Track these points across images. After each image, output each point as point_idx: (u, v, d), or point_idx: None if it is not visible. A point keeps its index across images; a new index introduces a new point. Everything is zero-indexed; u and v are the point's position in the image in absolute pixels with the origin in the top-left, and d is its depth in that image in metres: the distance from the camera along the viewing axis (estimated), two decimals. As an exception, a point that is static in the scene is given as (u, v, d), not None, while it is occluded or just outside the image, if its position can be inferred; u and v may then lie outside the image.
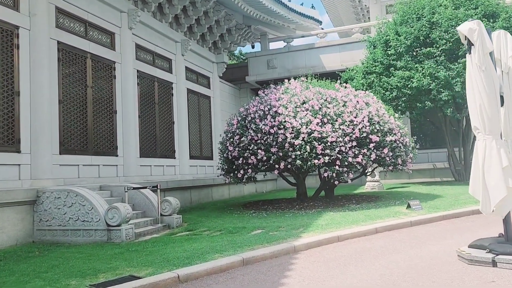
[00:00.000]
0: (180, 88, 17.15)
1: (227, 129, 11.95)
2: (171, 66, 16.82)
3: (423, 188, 14.72)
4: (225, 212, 11.66)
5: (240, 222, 9.71)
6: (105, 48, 12.94)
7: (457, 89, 14.23)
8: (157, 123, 15.42)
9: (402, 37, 15.34)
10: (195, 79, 18.72)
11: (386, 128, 10.97)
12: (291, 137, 10.28)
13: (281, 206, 11.72)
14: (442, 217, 9.23)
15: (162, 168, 15.58)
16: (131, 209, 8.38)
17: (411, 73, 14.88)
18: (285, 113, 10.67)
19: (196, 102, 18.68)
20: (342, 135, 10.35)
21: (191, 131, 17.90)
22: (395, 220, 8.79)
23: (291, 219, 9.50)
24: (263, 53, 21.97)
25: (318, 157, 10.11)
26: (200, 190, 14.86)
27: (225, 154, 11.57)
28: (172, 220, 9.74)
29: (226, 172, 12.02)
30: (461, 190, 13.09)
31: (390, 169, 11.01)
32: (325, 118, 10.51)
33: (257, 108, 11.37)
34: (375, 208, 10.33)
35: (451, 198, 11.30)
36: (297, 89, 11.49)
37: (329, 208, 10.84)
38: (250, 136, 10.78)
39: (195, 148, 18.19)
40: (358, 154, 10.35)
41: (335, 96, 11.15)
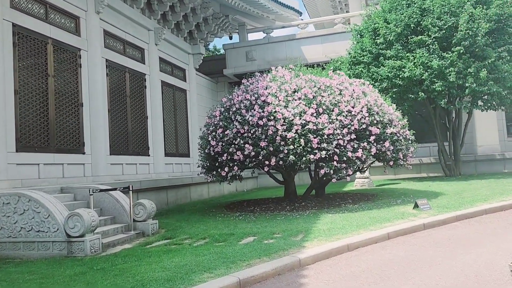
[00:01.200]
0: (154, 80, 15.56)
1: (208, 122, 10.47)
2: (144, 56, 15.20)
3: (416, 184, 13.57)
4: (207, 214, 10.18)
5: (226, 227, 8.26)
6: (68, 34, 11.26)
7: (451, 79, 13.12)
8: (129, 117, 13.79)
9: (392, 25, 14.14)
10: (170, 71, 17.13)
11: (386, 119, 9.70)
12: (283, 130, 8.88)
13: (270, 207, 10.32)
14: (456, 218, 8.01)
15: (135, 166, 13.98)
16: (97, 216, 6.82)
17: (403, 62, 13.69)
18: (275, 103, 9.27)
19: (171, 95, 17.09)
20: (340, 127, 9.02)
21: (166, 127, 16.33)
22: (405, 222, 7.50)
23: (285, 223, 8.11)
24: (242, 45, 20.50)
25: (314, 151, 8.75)
26: (178, 190, 13.32)
27: (206, 149, 10.09)
28: (147, 227, 8.21)
29: (207, 170, 10.53)
30: (460, 186, 11.98)
31: (391, 165, 9.75)
32: (320, 108, 9.16)
33: (242, 98, 9.93)
34: (377, 208, 9.05)
35: (455, 196, 10.13)
36: (287, 77, 10.10)
37: (325, 209, 9.50)
38: (236, 129, 9.33)
39: (171, 144, 16.62)
40: (357, 148, 9.03)
41: (330, 84, 9.81)
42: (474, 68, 13.03)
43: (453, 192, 10.81)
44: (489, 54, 13.14)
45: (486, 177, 14.56)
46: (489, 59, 13.09)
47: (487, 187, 11.42)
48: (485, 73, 12.84)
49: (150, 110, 15.21)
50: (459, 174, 15.70)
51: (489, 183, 12.39)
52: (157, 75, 15.78)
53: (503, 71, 13.08)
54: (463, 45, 13.10)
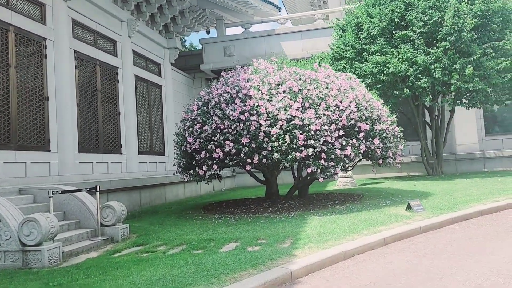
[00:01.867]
0: (127, 74, 14.56)
1: (185, 117, 9.59)
2: (116, 49, 14.19)
3: (401, 184, 12.99)
4: (183, 217, 9.31)
5: (204, 231, 7.42)
6: (32, 21, 10.22)
7: (437, 76, 12.58)
8: (100, 113, 12.78)
9: (376, 19, 13.52)
10: (144, 65, 16.14)
11: (374, 115, 9.02)
12: (267, 125, 8.09)
13: (251, 209, 9.52)
14: (452, 220, 7.37)
15: (106, 165, 12.98)
16: (56, 221, 5.87)
17: (387, 58, 13.09)
18: (257, 96, 8.46)
19: (146, 91, 16.11)
20: (327, 123, 8.28)
21: (140, 124, 15.34)
22: (401, 226, 6.81)
23: (269, 227, 7.32)
24: (220, 39, 19.61)
25: (300, 149, 7.98)
26: (152, 190, 12.37)
27: (182, 147, 9.21)
28: (116, 232, 7.29)
29: (184, 169, 9.65)
30: (447, 186, 11.43)
31: (380, 163, 9.08)
32: (306, 102, 8.40)
33: (222, 91, 9.10)
34: (367, 209, 8.35)
35: (445, 196, 9.54)
36: (270, 69, 9.31)
37: (310, 210, 8.76)
38: (215, 124, 8.49)
39: (145, 142, 15.64)
40: (346, 145, 8.31)
41: (316, 77, 9.07)
42: (459, 64, 12.52)
43: (443, 192, 10.22)
44: (474, 50, 12.66)
45: (469, 176, 14.12)
46: (474, 55, 12.61)
47: (475, 186, 10.90)
48: (470, 69, 12.35)
49: (123, 105, 14.22)
50: (442, 173, 15.24)
51: (475, 182, 11.90)
52: (130, 69, 14.80)
53: (488, 68, 12.61)
54: (449, 40, 12.59)
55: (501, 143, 19.81)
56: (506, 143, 19.83)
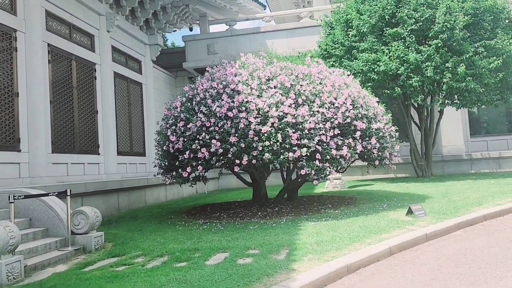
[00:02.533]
0: (106, 71, 13.66)
1: (167, 114, 8.77)
2: (94, 44, 13.27)
3: (392, 186, 12.38)
4: (165, 222, 8.48)
5: (188, 239, 6.62)
6: (1, 11, 9.34)
7: (429, 74, 12.03)
8: (76, 111, 11.86)
9: (366, 16, 12.92)
10: (124, 62, 15.23)
11: (371, 113, 8.35)
12: (257, 123, 7.34)
13: (238, 213, 8.75)
14: (457, 226, 6.74)
15: (82, 166, 12.06)
16: (17, 230, 5.01)
17: (377, 55, 12.48)
18: (246, 92, 7.71)
19: (126, 88, 15.20)
20: (322, 121, 7.58)
21: (119, 123, 14.42)
22: (405, 233, 6.13)
23: (260, 234, 6.57)
24: (203, 37, 18.79)
25: (293, 148, 7.25)
26: (131, 193, 11.49)
27: (164, 146, 8.39)
28: (89, 240, 6.43)
29: (165, 170, 8.82)
30: (440, 188, 10.86)
31: (376, 164, 8.41)
32: (299, 99, 7.68)
33: (208, 86, 8.32)
34: (364, 214, 7.67)
35: (443, 199, 8.93)
36: (259, 63, 8.57)
37: (303, 215, 8.03)
38: (200, 122, 7.70)
39: (124, 142, 14.72)
40: (342, 145, 7.62)
41: (309, 72, 8.37)
42: (451, 63, 12.00)
43: (439, 195, 9.63)
44: (466, 49, 12.16)
45: (459, 178, 13.62)
46: (466, 54, 12.10)
47: (470, 189, 10.35)
48: (463, 68, 11.83)
49: (101, 103, 13.31)
50: (431, 175, 14.72)
51: (469, 184, 11.37)
52: (109, 66, 13.89)
53: (480, 67, 12.11)
54: (441, 38, 12.05)
55: (485, 144, 19.53)
56: (490, 145, 19.55)
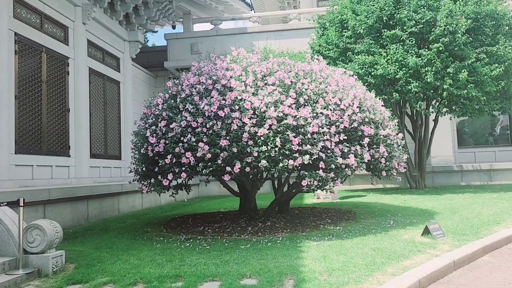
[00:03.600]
0: (80, 66, 12.34)
1: (146, 113, 7.56)
2: (68, 36, 11.95)
3: (387, 198, 11.39)
4: (140, 237, 7.23)
5: (168, 262, 5.42)
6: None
7: (429, 80, 11.13)
8: (45, 108, 10.51)
9: (362, 16, 11.98)
10: (100, 58, 13.91)
11: (378, 118, 7.33)
12: (252, 124, 6.21)
13: (225, 227, 7.57)
14: (483, 250, 5.74)
15: (50, 169, 10.68)
16: None
17: (375, 58, 11.54)
18: (240, 89, 6.58)
19: (101, 86, 13.86)
20: (327, 124, 6.50)
21: (94, 123, 13.08)
22: (429, 260, 5.07)
23: (255, 256, 5.41)
24: (187, 35, 17.59)
25: (293, 155, 6.14)
26: (103, 200, 10.17)
27: (142, 149, 7.17)
28: (45, 262, 5.16)
29: (143, 177, 7.58)
30: (444, 202, 9.91)
31: (383, 175, 7.37)
32: (301, 98, 6.59)
33: (195, 81, 7.15)
34: (371, 233, 6.59)
35: (453, 216, 7.95)
36: (253, 58, 7.46)
37: (300, 231, 6.91)
38: (185, 122, 6.52)
39: (98, 144, 13.37)
40: (348, 152, 6.54)
41: (310, 70, 7.29)
42: (453, 68, 11.14)
43: (446, 210, 8.65)
44: (468, 55, 11.33)
45: (455, 190, 12.75)
46: (468, 59, 11.26)
47: (475, 203, 9.43)
48: (465, 74, 10.99)
49: (74, 101, 11.97)
50: (424, 187, 13.83)
51: (471, 198, 10.46)
52: (84, 61, 12.58)
53: (482, 74, 11.29)
54: (442, 42, 11.18)
55: (473, 156, 18.88)
56: (478, 156, 18.91)
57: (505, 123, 18.96)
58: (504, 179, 16.08)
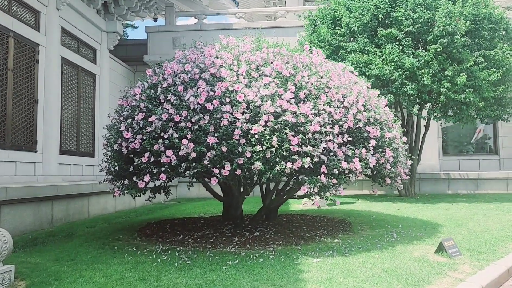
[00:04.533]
0: (52, 55, 11.21)
1: (122, 104, 6.56)
2: (39, 21, 10.81)
3: (378, 206, 10.60)
4: (110, 246, 6.20)
5: (142, 281, 4.43)
6: None
7: (426, 82, 10.42)
8: (10, 98, 9.36)
9: (357, 13, 11.21)
10: (75, 47, 12.76)
11: (383, 119, 6.50)
12: (245, 120, 5.28)
13: (208, 236, 6.60)
14: (508, 273, 4.95)
15: (13, 165, 9.51)
16: None
17: (369, 57, 10.77)
18: (231, 79, 5.65)
19: (75, 78, 12.72)
20: (329, 123, 5.62)
21: (65, 117, 11.93)
22: (454, 286, 4.25)
23: (246, 277, 4.48)
24: (169, 29, 16.55)
25: (292, 157, 5.24)
26: (70, 201, 9.06)
27: (115, 145, 6.16)
28: (-12, 281, 4.13)
29: (115, 177, 6.56)
30: (440, 212, 9.16)
31: (388, 182, 6.55)
32: (301, 92, 5.70)
33: (179, 69, 6.19)
34: (376, 248, 5.74)
35: (459, 228, 7.19)
36: (246, 47, 6.54)
37: (294, 244, 6.00)
38: (167, 115, 5.55)
39: (70, 140, 12.22)
40: (352, 156, 5.68)
41: (310, 62, 6.42)
42: (450, 71, 10.47)
43: (448, 222, 7.89)
44: (466, 58, 10.67)
45: (447, 199, 12.08)
46: (467, 63, 10.61)
47: (477, 215, 8.71)
48: (463, 78, 10.32)
49: (44, 92, 10.83)
50: (414, 194, 13.14)
51: (469, 209, 9.76)
52: (56, 49, 11.43)
53: (479, 79, 10.65)
54: (441, 43, 10.50)
55: (457, 164, 18.47)
56: (462, 164, 18.49)
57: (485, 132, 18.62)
58: (490, 188, 15.59)
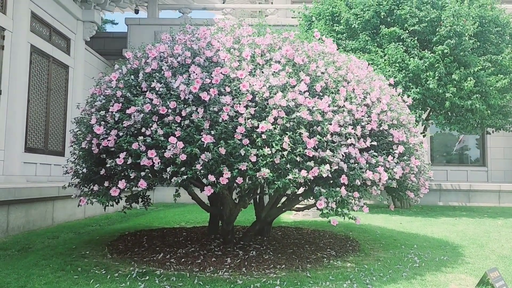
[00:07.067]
0: (19, 41, 9.95)
1: (94, 92, 5.33)
2: (5, 4, 9.56)
3: (378, 219, 9.57)
4: (73, 266, 4.94)
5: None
6: None
7: (431, 86, 9.52)
8: (-34, 86, 8.02)
9: (358, 9, 10.26)
10: (47, 36, 11.44)
11: (406, 122, 5.46)
12: (249, 115, 4.16)
13: (194, 255, 5.41)
14: None
15: (-33, 163, 8.14)
16: None
17: (371, 57, 9.81)
18: (233, 64, 4.52)
19: (46, 69, 11.40)
20: (352, 123, 4.55)
21: (32, 111, 10.60)
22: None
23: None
24: (150, 22, 15.31)
25: (307, 164, 4.13)
26: (31, 206, 7.70)
27: (84, 142, 4.93)
28: None
29: (83, 181, 5.32)
30: (449, 228, 8.21)
31: (411, 197, 5.53)
32: (317, 84, 4.61)
33: (165, 52, 5.03)
34: (403, 278, 4.64)
35: (483, 250, 6.21)
36: (246, 30, 5.44)
37: (298, 268, 4.87)
38: (150, 106, 4.38)
39: (37, 137, 10.86)
40: (376, 164, 4.62)
41: (322, 51, 5.35)
42: (457, 75, 9.60)
43: (465, 241, 6.90)
44: (474, 62, 9.84)
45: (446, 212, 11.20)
46: (474, 67, 9.77)
47: (489, 232, 7.78)
48: (471, 83, 9.48)
49: (8, 82, 9.57)
50: (409, 206, 12.22)
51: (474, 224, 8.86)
52: (24, 36, 10.16)
53: (487, 85, 9.82)
54: (447, 44, 9.62)
55: (445, 174, 17.85)
56: (450, 175, 17.88)
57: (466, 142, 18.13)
58: (482, 200, 14.84)
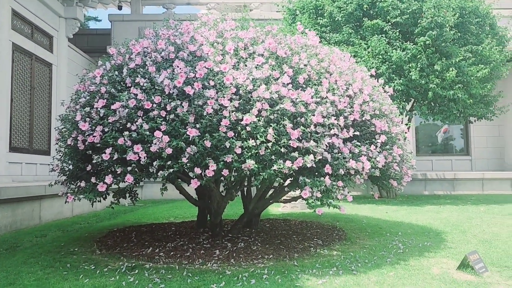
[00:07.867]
0: (1, 40, 9.86)
1: (79, 89, 5.33)
2: (-15, -1, 9.40)
3: (365, 209, 9.73)
4: (62, 263, 4.97)
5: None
6: None
7: (413, 77, 9.68)
8: None
9: (341, 2, 10.35)
10: (29, 34, 11.33)
11: (388, 112, 5.58)
12: (233, 108, 4.21)
13: (183, 248, 5.47)
14: (547, 293, 4.12)
15: (-50, 163, 8.06)
16: None
17: (355, 49, 9.92)
18: (217, 58, 4.57)
19: (29, 67, 11.29)
20: (334, 114, 4.64)
21: (16, 110, 10.51)
22: (502, 314, 3.36)
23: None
24: (134, 18, 15.24)
25: (291, 154, 4.21)
26: (18, 206, 7.67)
27: (69, 139, 4.94)
28: None
29: (70, 178, 5.33)
30: (433, 215, 8.39)
31: (394, 185, 5.65)
32: (300, 76, 4.68)
33: (149, 47, 5.06)
34: (388, 263, 4.78)
35: (465, 235, 6.37)
36: (229, 24, 5.49)
37: (286, 257, 4.97)
38: (135, 101, 4.41)
39: (22, 136, 10.77)
40: (359, 153, 4.72)
41: (305, 44, 5.42)
42: (439, 66, 9.77)
43: (448, 227, 7.08)
44: (455, 52, 10.01)
45: (430, 200, 11.42)
46: (455, 57, 9.94)
47: (471, 218, 7.98)
48: (453, 73, 9.66)
49: (-10, 81, 9.46)
50: (395, 195, 12.42)
51: (457, 211, 9.07)
52: (6, 34, 10.07)
53: (468, 75, 10.01)
54: (429, 35, 9.77)
55: (431, 164, 18.17)
56: (435, 164, 18.20)
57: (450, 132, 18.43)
58: (466, 189, 15.15)
